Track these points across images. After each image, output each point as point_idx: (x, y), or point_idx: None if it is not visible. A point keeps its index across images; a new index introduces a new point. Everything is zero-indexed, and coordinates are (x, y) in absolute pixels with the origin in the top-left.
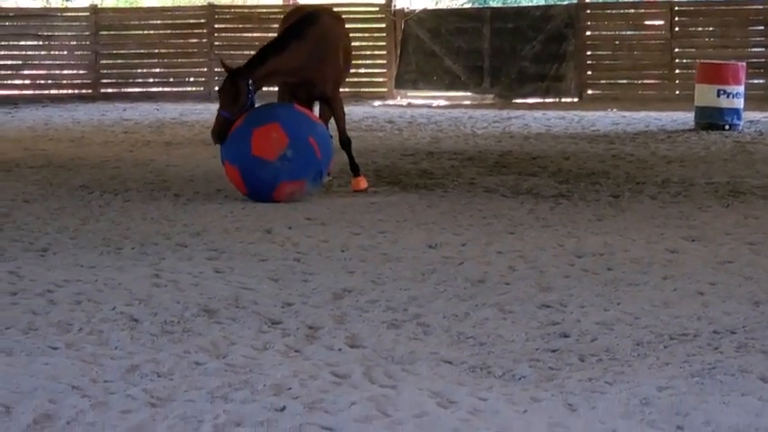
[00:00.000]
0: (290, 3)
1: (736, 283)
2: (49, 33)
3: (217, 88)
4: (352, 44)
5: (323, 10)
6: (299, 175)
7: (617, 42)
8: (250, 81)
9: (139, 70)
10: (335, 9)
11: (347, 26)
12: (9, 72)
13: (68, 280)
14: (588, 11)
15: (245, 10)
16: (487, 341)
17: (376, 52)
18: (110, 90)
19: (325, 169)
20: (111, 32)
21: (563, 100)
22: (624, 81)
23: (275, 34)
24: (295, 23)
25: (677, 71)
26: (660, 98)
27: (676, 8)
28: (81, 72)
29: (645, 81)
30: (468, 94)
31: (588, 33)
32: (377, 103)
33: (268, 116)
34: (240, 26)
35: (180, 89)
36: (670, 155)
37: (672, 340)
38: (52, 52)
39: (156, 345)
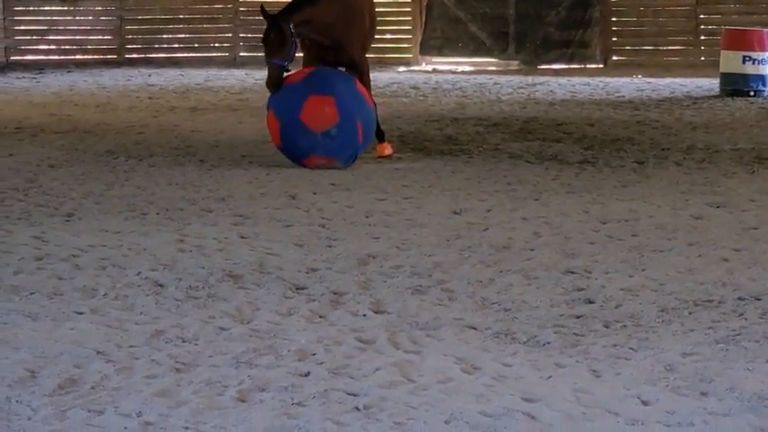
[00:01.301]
0: None
1: (761, 250)
2: None
3: (262, 37)
4: (377, 10)
5: None
6: (335, 153)
7: (642, 8)
8: (291, 25)
9: (164, 36)
10: None
11: None
12: (34, 37)
13: (93, 245)
14: None
15: None
16: (512, 307)
17: (401, 18)
18: (135, 55)
19: (361, 152)
20: None
21: (588, 66)
22: (649, 47)
23: None
24: None
25: (702, 37)
26: (685, 64)
27: None
28: (106, 37)
29: (670, 47)
30: (493, 60)
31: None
32: (401, 68)
33: (328, 86)
34: None
35: (205, 54)
36: (695, 121)
37: (696, 306)
38: (77, 17)
39: (180, 310)
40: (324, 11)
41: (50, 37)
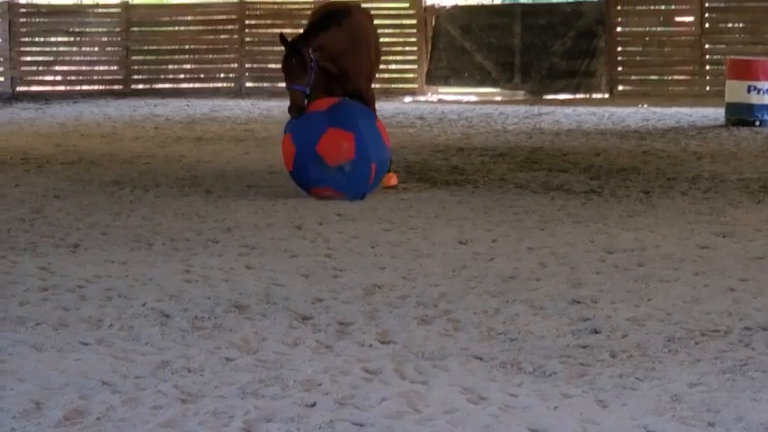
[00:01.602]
0: None
1: None
2: (81, 30)
3: (281, 64)
4: (383, 40)
5: (354, 5)
6: (344, 188)
7: (647, 38)
8: (310, 50)
9: (170, 66)
10: (367, 4)
11: (378, 22)
12: (40, 68)
13: (99, 275)
14: (619, 7)
15: (276, 6)
16: (518, 337)
17: (407, 48)
18: (141, 86)
19: (369, 193)
20: (143, 29)
21: (594, 96)
22: (655, 77)
23: None
24: (330, 13)
25: (707, 67)
26: (690, 94)
27: (706, 4)
28: (112, 68)
29: (675, 77)
30: (499, 90)
31: (619, 29)
32: (407, 98)
33: (350, 122)
34: (271, 22)
35: (211, 85)
36: (701, 151)
37: (703, 336)
38: (83, 48)
39: (186, 340)
40: (334, 39)
41: (56, 68)
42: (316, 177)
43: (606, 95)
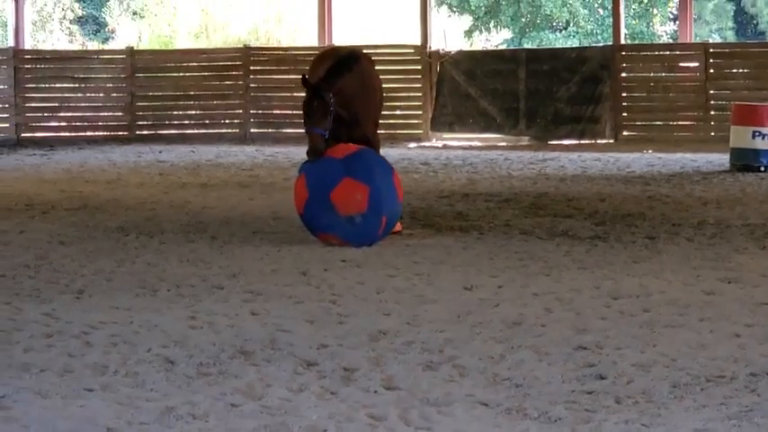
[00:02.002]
0: (326, 44)
1: None
2: (86, 75)
3: (301, 104)
4: (388, 86)
5: (360, 51)
6: (352, 238)
7: (652, 84)
8: (330, 95)
9: (175, 112)
10: (371, 50)
11: (383, 67)
12: (45, 114)
13: (104, 322)
14: (623, 53)
15: (281, 52)
16: (523, 383)
17: (411, 94)
18: (145, 132)
19: (375, 243)
20: (147, 74)
21: (598, 141)
22: (659, 122)
23: None
24: (343, 59)
25: (712, 113)
26: (695, 139)
27: (711, 50)
28: (117, 114)
29: (680, 122)
30: (504, 135)
31: (623, 75)
32: (412, 144)
33: (367, 175)
34: (275, 68)
35: (216, 131)
36: (706, 196)
37: (709, 382)
38: (88, 94)
39: (191, 387)
40: (348, 83)
41: (61, 114)
42: (325, 224)
43: (611, 141)
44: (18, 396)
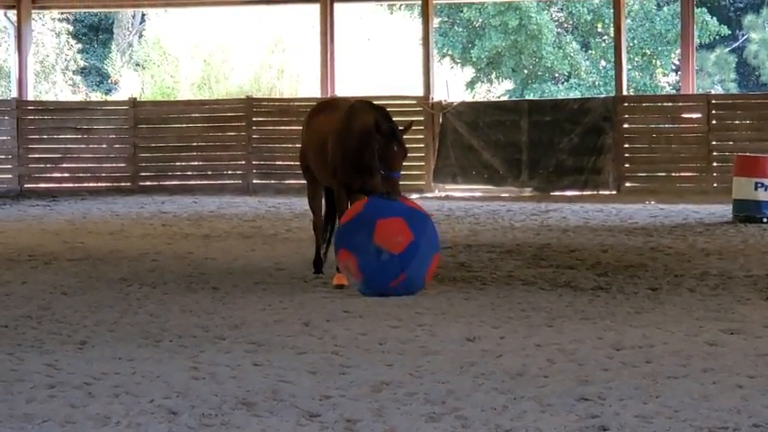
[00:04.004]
0: (328, 95)
1: None
2: (88, 126)
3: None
4: None
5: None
6: (366, 273)
7: (654, 135)
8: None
9: (178, 163)
10: (375, 101)
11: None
12: (48, 165)
13: (107, 372)
14: (625, 104)
15: (283, 103)
16: None
17: (414, 145)
18: (148, 183)
19: (381, 294)
20: (150, 125)
21: (601, 192)
22: (662, 174)
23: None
24: (356, 109)
25: (714, 164)
26: (698, 191)
27: (713, 101)
28: (120, 165)
29: (682, 174)
30: (507, 187)
31: (626, 126)
32: (414, 195)
33: (418, 229)
34: (278, 119)
35: (218, 182)
36: (708, 247)
37: None
38: (91, 145)
39: None
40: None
41: (64, 165)
42: (355, 244)
43: (614, 192)
44: None
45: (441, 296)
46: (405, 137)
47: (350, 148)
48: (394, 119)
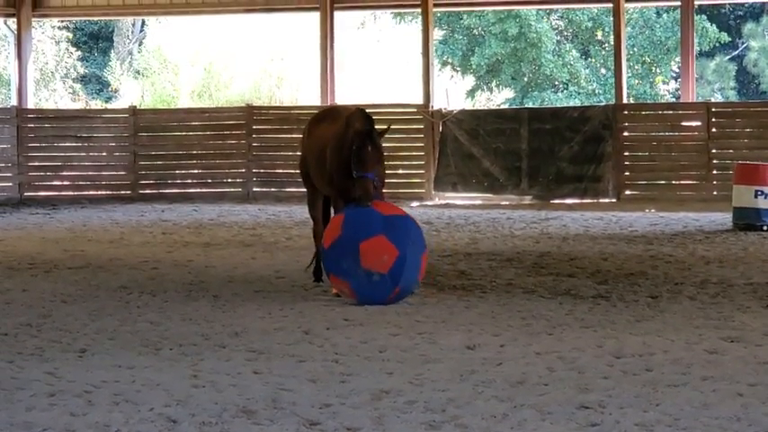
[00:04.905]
0: (328, 104)
1: None
2: (89, 134)
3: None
4: (390, 144)
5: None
6: (360, 293)
7: (654, 143)
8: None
9: (178, 171)
10: (374, 109)
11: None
12: (48, 173)
13: (107, 381)
14: (625, 112)
15: (284, 111)
16: None
17: (414, 153)
18: (148, 191)
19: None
20: (150, 133)
21: (601, 201)
22: (662, 182)
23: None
24: (352, 118)
25: (714, 172)
26: (698, 199)
27: (713, 109)
28: (120, 173)
29: (682, 182)
30: (507, 195)
31: (626, 134)
32: (415, 203)
33: (401, 241)
34: (278, 127)
35: (218, 190)
36: (708, 255)
37: None
38: (91, 153)
39: None
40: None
41: (64, 173)
42: (344, 269)
43: (613, 200)
44: None
45: (441, 304)
46: (405, 143)
47: (345, 157)
48: (393, 126)
